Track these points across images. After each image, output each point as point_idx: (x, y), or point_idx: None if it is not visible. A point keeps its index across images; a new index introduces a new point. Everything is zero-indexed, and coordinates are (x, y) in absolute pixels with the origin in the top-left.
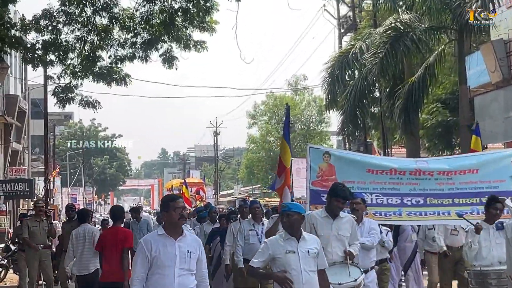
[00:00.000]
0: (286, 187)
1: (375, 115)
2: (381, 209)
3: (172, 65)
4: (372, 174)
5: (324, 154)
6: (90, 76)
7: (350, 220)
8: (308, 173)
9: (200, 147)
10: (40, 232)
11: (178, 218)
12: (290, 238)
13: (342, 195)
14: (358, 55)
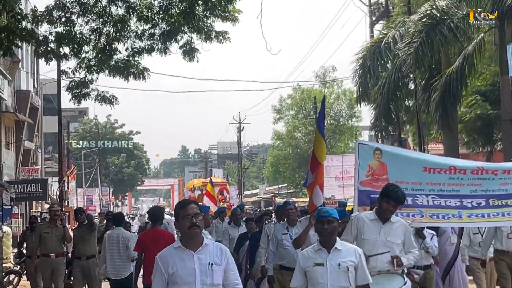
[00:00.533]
0: (318, 186)
1: (410, 109)
2: (438, 211)
3: (192, 57)
4: (429, 174)
5: (375, 151)
6: (106, 70)
7: (403, 226)
8: (356, 171)
9: (223, 144)
10: (52, 239)
11: (189, 227)
12: (321, 249)
13: (394, 197)
14: (391, 44)
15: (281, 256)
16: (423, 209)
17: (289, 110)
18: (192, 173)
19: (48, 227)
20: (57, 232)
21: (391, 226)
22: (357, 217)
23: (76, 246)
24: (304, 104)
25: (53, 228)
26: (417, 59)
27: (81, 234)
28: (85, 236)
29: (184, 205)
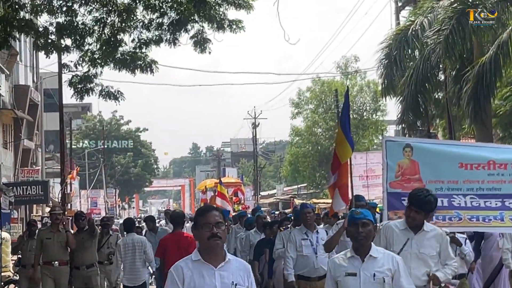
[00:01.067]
0: (337, 189)
1: (439, 102)
2: (478, 213)
3: (204, 48)
4: (466, 170)
5: (405, 148)
6: (111, 63)
7: (438, 235)
8: (384, 172)
9: (237, 141)
10: (55, 245)
11: (208, 237)
12: (354, 256)
13: (416, 202)
14: (418, 32)
15: (299, 264)
16: (461, 211)
17: (308, 104)
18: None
19: (50, 232)
20: (59, 237)
21: (424, 236)
22: (386, 226)
23: (75, 253)
24: (325, 98)
25: (55, 233)
26: (447, 48)
27: (81, 241)
28: (85, 243)
29: (204, 212)
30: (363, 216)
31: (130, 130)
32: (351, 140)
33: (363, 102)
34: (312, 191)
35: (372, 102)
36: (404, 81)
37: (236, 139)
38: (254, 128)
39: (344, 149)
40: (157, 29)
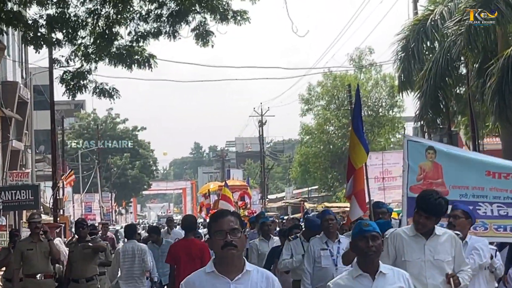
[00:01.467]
0: (353, 196)
1: (461, 98)
2: (505, 223)
3: (207, 41)
4: (494, 179)
5: (428, 150)
6: (105, 58)
7: (451, 238)
8: (405, 174)
9: (242, 140)
10: (37, 257)
11: (222, 246)
12: (363, 274)
13: (424, 206)
14: (438, 22)
15: (316, 278)
16: (486, 221)
17: (319, 100)
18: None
19: (30, 242)
20: (42, 248)
21: (437, 241)
22: (393, 234)
23: (73, 265)
24: (337, 93)
25: (37, 243)
26: (469, 39)
27: (81, 252)
28: (86, 254)
29: (217, 217)
30: (372, 228)
31: (127, 129)
32: (365, 143)
33: (378, 97)
34: (324, 194)
35: (388, 97)
36: (422, 75)
37: (241, 138)
38: (261, 126)
39: (358, 153)
40: (156, 21)
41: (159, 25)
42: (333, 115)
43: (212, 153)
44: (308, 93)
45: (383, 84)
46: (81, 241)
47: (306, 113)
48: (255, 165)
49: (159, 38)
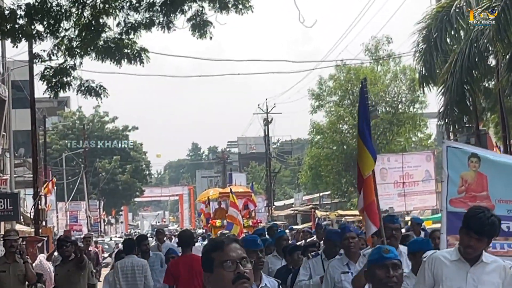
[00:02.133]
0: (365, 213)
1: (490, 93)
2: None
3: (204, 33)
4: None
5: (470, 158)
6: (92, 52)
7: (501, 268)
8: (444, 186)
9: (246, 140)
10: (10, 280)
11: (234, 280)
12: None
13: (475, 226)
14: (463, 9)
15: None
16: None
17: (331, 95)
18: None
19: (4, 263)
20: (16, 270)
21: (483, 269)
22: (432, 258)
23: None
24: (351, 87)
25: (11, 264)
26: (499, 28)
27: (66, 274)
28: (72, 277)
29: (221, 245)
30: (393, 255)
31: (116, 129)
32: (372, 148)
33: (397, 92)
34: (337, 200)
35: (409, 92)
36: (446, 68)
37: (244, 138)
38: (266, 124)
39: (365, 161)
40: (148, 10)
41: (152, 15)
42: (347, 112)
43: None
44: (319, 88)
45: (402, 77)
46: (64, 262)
47: (316, 110)
48: (260, 168)
49: (152, 30)
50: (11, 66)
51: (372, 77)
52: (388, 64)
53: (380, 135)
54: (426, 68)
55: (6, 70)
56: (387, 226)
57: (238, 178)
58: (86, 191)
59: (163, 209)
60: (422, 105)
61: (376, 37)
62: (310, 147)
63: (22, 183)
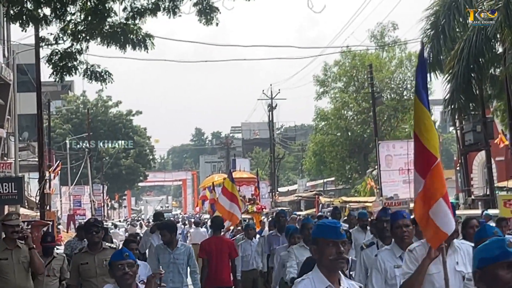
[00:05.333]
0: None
1: (496, 80)
2: None
3: (211, 18)
4: None
5: None
6: (97, 37)
7: None
8: None
9: (250, 125)
10: (14, 267)
11: None
12: None
13: None
14: None
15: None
16: None
17: (336, 81)
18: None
19: (4, 250)
20: (19, 256)
21: None
22: None
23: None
24: (356, 73)
25: (13, 250)
26: (507, 14)
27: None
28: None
29: None
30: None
31: (120, 113)
32: None
33: (402, 79)
34: (341, 187)
35: (414, 78)
36: (453, 55)
37: (248, 124)
38: (271, 110)
39: (435, 136)
40: None
41: (157, 0)
42: (352, 98)
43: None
44: (324, 74)
45: (408, 64)
46: (94, 249)
47: (321, 96)
48: (264, 154)
49: (157, 15)
50: (16, 49)
51: (378, 63)
52: (393, 51)
53: (385, 122)
54: (433, 55)
55: (12, 54)
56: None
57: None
58: (90, 176)
59: (166, 194)
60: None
61: (381, 23)
62: (314, 133)
63: (26, 167)
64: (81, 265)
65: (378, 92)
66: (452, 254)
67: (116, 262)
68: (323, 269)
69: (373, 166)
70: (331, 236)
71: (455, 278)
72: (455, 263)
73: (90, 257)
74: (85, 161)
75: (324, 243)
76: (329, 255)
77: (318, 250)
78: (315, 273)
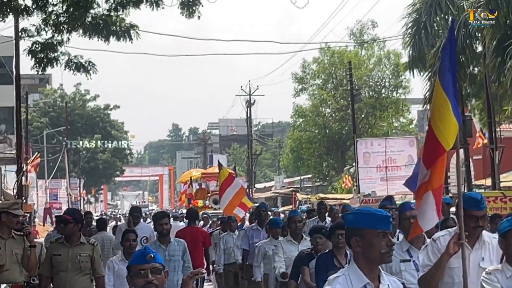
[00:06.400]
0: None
1: (475, 79)
2: None
3: (193, 11)
4: None
5: None
6: (79, 28)
7: None
8: None
9: (227, 122)
10: (6, 257)
11: None
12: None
13: None
14: None
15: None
16: None
17: (314, 78)
18: (187, 159)
19: None
20: (13, 247)
21: None
22: None
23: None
24: (335, 71)
25: (7, 240)
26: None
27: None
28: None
29: None
30: None
31: (97, 107)
32: (457, 111)
33: (381, 76)
34: (318, 184)
35: (393, 77)
36: (434, 52)
37: (226, 120)
38: (249, 106)
39: (450, 126)
40: None
41: None
42: (330, 95)
43: (193, 136)
44: (302, 71)
45: (386, 62)
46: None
47: (299, 93)
48: (241, 150)
49: (140, 7)
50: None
51: (356, 61)
52: (372, 49)
53: (363, 120)
54: (415, 52)
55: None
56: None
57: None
58: (67, 169)
59: (142, 189)
60: (405, 90)
61: (361, 21)
62: (292, 130)
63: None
64: (54, 256)
65: (356, 89)
66: (479, 249)
67: (136, 267)
68: (364, 264)
69: (350, 164)
70: (382, 226)
71: (477, 276)
72: (481, 258)
73: (64, 249)
74: (62, 155)
75: (373, 234)
76: (380, 248)
77: (364, 242)
78: (352, 269)
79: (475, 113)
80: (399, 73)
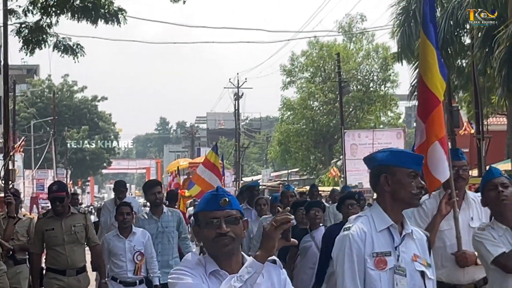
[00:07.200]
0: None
1: (462, 71)
2: None
3: None
4: None
5: None
6: (68, 11)
7: None
8: None
9: (215, 115)
10: None
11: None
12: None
13: None
14: None
15: None
16: None
17: (303, 71)
18: (174, 153)
19: None
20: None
21: None
22: None
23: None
24: (323, 64)
25: (3, 219)
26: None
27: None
28: None
29: None
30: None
31: (85, 98)
32: (441, 63)
33: (369, 70)
34: (305, 177)
35: (381, 70)
36: None
37: (213, 114)
38: (237, 99)
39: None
40: None
41: None
42: (318, 89)
43: (180, 129)
44: (290, 64)
45: (375, 56)
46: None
47: (288, 86)
48: (229, 144)
49: None
50: None
51: (345, 54)
52: (360, 42)
53: (351, 113)
54: (404, 41)
55: None
56: None
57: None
58: (54, 160)
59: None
60: (393, 84)
61: (350, 14)
62: (280, 124)
63: None
64: (46, 231)
65: (345, 81)
66: (466, 209)
67: (206, 214)
68: (390, 205)
69: (338, 157)
70: (414, 166)
71: (469, 236)
72: (469, 218)
73: (56, 223)
74: (49, 145)
75: (405, 173)
76: (411, 188)
77: (394, 181)
78: (376, 210)
79: (462, 105)
80: (387, 67)
